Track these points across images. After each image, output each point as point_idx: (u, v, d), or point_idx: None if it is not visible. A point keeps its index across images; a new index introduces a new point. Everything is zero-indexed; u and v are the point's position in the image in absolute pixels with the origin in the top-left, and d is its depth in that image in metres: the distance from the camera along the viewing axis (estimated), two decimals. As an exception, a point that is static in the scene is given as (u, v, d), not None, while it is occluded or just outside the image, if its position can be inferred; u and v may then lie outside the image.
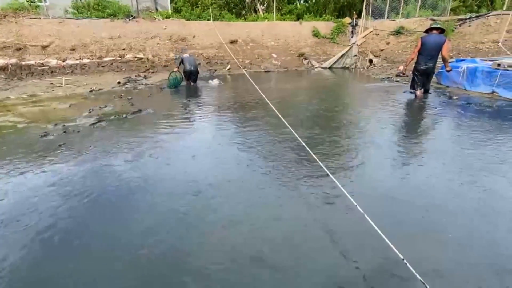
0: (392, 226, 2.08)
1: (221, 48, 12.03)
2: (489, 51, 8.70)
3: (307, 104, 6.27)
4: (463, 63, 6.67)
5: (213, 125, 4.65)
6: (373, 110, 5.43)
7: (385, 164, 3.19)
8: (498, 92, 5.87)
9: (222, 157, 3.43)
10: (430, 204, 2.42)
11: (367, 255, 1.87)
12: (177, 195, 2.62)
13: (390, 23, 12.80)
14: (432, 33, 5.64)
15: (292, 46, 13.09)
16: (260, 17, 16.31)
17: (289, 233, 2.10)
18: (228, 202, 2.49)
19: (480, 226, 2.15)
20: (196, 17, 14.52)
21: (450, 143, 3.83)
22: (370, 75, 9.44)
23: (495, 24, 9.55)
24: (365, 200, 2.34)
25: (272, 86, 8.56)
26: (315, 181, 2.79)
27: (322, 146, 3.65)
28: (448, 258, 1.84)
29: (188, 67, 8.01)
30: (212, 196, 2.58)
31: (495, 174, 2.90)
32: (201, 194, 2.61)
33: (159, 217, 2.29)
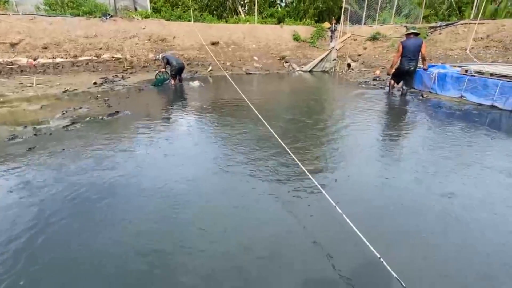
0: (370, 226, 2.14)
1: (202, 49, 11.93)
2: (458, 58, 9.22)
3: (289, 106, 6.35)
4: (434, 68, 7.02)
5: (192, 128, 4.58)
6: (352, 112, 5.58)
7: (363, 166, 3.29)
8: (466, 97, 6.22)
9: (200, 162, 3.39)
10: (408, 205, 2.51)
11: (346, 253, 1.91)
12: (152, 201, 2.56)
13: (367, 29, 13.25)
14: (410, 37, 6.26)
15: (273, 49, 13.22)
16: (241, 20, 16.35)
17: (268, 233, 2.11)
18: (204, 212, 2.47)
19: (453, 226, 2.26)
20: (177, 17, 14.32)
21: (424, 145, 4.01)
22: (348, 79, 9.70)
23: (463, 32, 10.14)
24: (344, 201, 2.40)
25: (254, 88, 8.59)
26: (295, 182, 2.82)
27: (302, 147, 3.71)
28: (423, 257, 1.92)
29: (176, 63, 8.03)
30: (186, 208, 2.54)
31: (467, 175, 3.07)
32: (176, 206, 2.57)
33: (127, 231, 2.23)
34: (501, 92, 5.61)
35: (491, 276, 1.77)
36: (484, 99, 5.89)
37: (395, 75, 6.75)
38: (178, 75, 8.20)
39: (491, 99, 5.76)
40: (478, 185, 2.84)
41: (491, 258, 1.90)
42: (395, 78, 6.85)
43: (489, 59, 8.62)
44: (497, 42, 9.15)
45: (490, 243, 2.05)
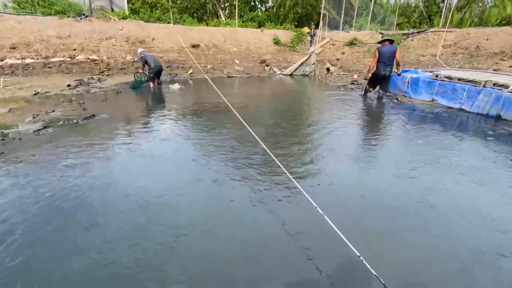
0: (350, 226, 2.20)
1: (182, 52, 11.79)
2: (429, 63, 9.73)
3: (271, 110, 6.40)
4: (407, 73, 7.36)
5: (172, 132, 4.48)
6: (332, 116, 5.72)
7: (343, 168, 3.37)
8: (437, 100, 6.56)
9: (180, 167, 3.34)
10: (386, 205, 2.61)
11: (327, 253, 1.95)
12: (128, 208, 2.49)
13: (344, 34, 13.69)
14: (385, 44, 6.59)
15: (254, 53, 13.31)
16: (222, 23, 16.35)
17: (250, 236, 2.11)
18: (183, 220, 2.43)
19: (429, 224, 2.37)
20: (156, 19, 14.10)
21: (400, 147, 4.19)
22: (328, 83, 9.94)
23: (433, 39, 10.72)
24: (325, 201, 2.45)
25: (236, 91, 8.60)
26: (277, 184, 2.85)
27: (284, 150, 3.75)
28: (401, 254, 2.00)
29: (154, 65, 7.83)
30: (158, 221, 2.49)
31: (440, 174, 3.23)
32: (154, 213, 2.51)
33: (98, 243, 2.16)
34: (468, 96, 5.97)
35: (467, 271, 1.87)
36: (453, 102, 6.24)
37: (371, 80, 7.02)
38: (157, 78, 8.04)
39: (459, 103, 6.11)
40: (452, 184, 3.00)
41: (467, 254, 2.01)
42: (372, 83, 7.13)
43: (457, 65, 9.17)
44: (464, 49, 9.75)
45: (465, 240, 2.17)
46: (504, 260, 1.94)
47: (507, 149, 4.02)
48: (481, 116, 5.69)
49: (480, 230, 2.28)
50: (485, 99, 5.70)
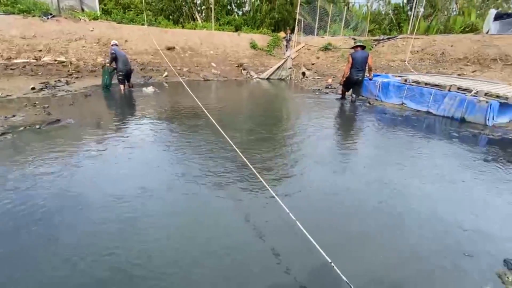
0: (323, 231, 2.20)
1: (157, 54, 11.52)
2: (398, 68, 10.17)
3: (247, 114, 6.38)
4: (378, 78, 7.64)
5: (143, 138, 4.30)
6: (307, 120, 5.78)
7: (317, 173, 3.40)
8: (406, 103, 6.85)
9: (150, 175, 3.22)
10: (359, 210, 2.64)
11: (300, 260, 1.93)
12: (97, 225, 2.35)
13: (319, 39, 14.01)
14: (358, 50, 6.81)
15: (231, 56, 13.27)
16: (198, 26, 16.19)
17: (223, 240, 2.05)
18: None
19: (402, 227, 2.42)
20: (129, 21, 13.68)
21: (371, 149, 4.30)
22: (303, 87, 10.10)
23: (402, 45, 11.24)
24: (299, 207, 2.44)
25: (212, 95, 8.50)
26: (250, 189, 2.81)
27: (258, 154, 3.72)
28: (373, 260, 2.02)
29: (122, 67, 7.52)
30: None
31: (411, 176, 3.34)
32: (124, 224, 2.39)
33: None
34: (434, 99, 6.28)
35: (435, 272, 1.92)
36: (421, 105, 6.54)
37: (345, 84, 7.21)
38: (126, 80, 7.76)
39: (427, 106, 6.42)
40: (422, 187, 3.11)
41: (435, 256, 2.07)
42: (346, 87, 7.33)
43: (424, 70, 9.65)
44: (430, 55, 10.29)
45: (434, 241, 2.24)
46: (468, 260, 2.02)
47: (471, 150, 4.24)
48: (447, 118, 5.99)
49: (451, 231, 2.37)
50: (450, 102, 6.02)
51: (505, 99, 5.39)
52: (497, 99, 5.47)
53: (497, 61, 8.79)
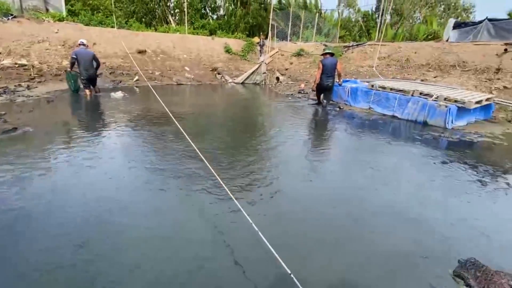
0: (285, 242, 2.20)
1: (127, 57, 11.16)
2: (367, 74, 10.59)
3: (219, 119, 6.32)
4: (347, 83, 7.90)
5: (106, 147, 4.11)
6: (280, 125, 5.85)
7: (284, 180, 3.42)
8: (373, 108, 7.13)
9: (112, 187, 3.09)
10: (323, 219, 2.68)
11: (259, 270, 1.92)
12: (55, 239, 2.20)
13: (292, 45, 14.28)
14: (327, 57, 7.04)
15: (205, 60, 13.16)
16: (171, 29, 15.93)
17: (185, 251, 2.00)
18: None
19: (364, 232, 2.48)
20: (98, 23, 13.19)
21: (341, 155, 4.41)
22: (277, 91, 10.22)
23: (370, 52, 11.72)
24: (261, 218, 2.44)
25: (185, 99, 8.36)
26: (215, 200, 2.77)
27: (226, 164, 3.69)
28: (334, 270, 2.05)
29: (84, 73, 7.13)
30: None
31: (378, 181, 3.45)
32: (83, 239, 2.26)
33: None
34: (399, 104, 6.58)
35: (396, 274, 1.98)
36: (387, 110, 6.83)
37: (317, 90, 7.41)
38: (92, 85, 7.41)
39: (392, 110, 6.71)
40: (386, 189, 3.22)
41: (397, 256, 2.14)
42: (318, 93, 7.53)
43: (390, 75, 10.11)
44: (396, 61, 10.81)
45: (393, 243, 2.32)
46: (425, 262, 2.11)
47: (432, 152, 4.48)
48: (411, 122, 6.30)
49: (410, 232, 2.46)
50: (414, 107, 6.33)
51: (462, 103, 5.76)
52: (455, 103, 5.83)
53: (456, 67, 9.40)
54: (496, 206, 2.96)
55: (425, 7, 19.98)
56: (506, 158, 4.38)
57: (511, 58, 8.65)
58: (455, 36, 11.52)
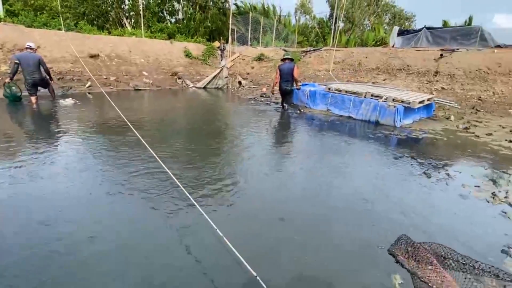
0: (250, 245, 2.21)
1: (78, 62, 10.43)
2: (324, 77, 11.13)
3: (180, 125, 6.17)
4: (306, 86, 8.21)
5: (52, 160, 3.82)
6: (240, 129, 5.87)
7: (247, 185, 3.44)
8: (331, 110, 7.50)
9: (63, 201, 2.86)
10: (286, 219, 2.74)
11: (225, 274, 1.91)
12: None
13: (252, 50, 14.49)
14: (285, 62, 7.27)
15: (164, 65, 12.79)
16: (127, 32, 15.24)
17: (149, 258, 1.91)
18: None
19: (325, 229, 2.58)
20: (42, 24, 12.15)
21: (300, 154, 4.55)
22: (240, 96, 10.28)
23: (326, 56, 12.35)
24: (225, 223, 2.43)
25: (142, 105, 8.03)
26: (178, 207, 2.70)
27: (188, 170, 3.62)
28: (299, 271, 2.10)
29: (29, 77, 6.50)
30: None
31: (338, 178, 3.62)
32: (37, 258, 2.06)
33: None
34: (353, 105, 7.00)
35: (353, 266, 2.09)
36: (343, 111, 7.23)
37: (273, 93, 7.61)
38: (34, 91, 6.75)
39: (348, 111, 7.12)
40: (346, 185, 3.39)
41: (356, 248, 2.26)
42: (281, 97, 7.75)
43: (345, 78, 10.74)
44: (349, 65, 11.52)
45: (352, 237, 2.44)
46: (380, 252, 2.26)
47: (382, 149, 4.83)
48: (365, 122, 6.73)
49: (365, 224, 2.62)
50: (366, 107, 6.78)
51: (408, 103, 6.30)
52: (402, 103, 6.36)
53: (402, 71, 10.29)
54: (437, 194, 3.28)
55: (373, 15, 21.62)
56: (446, 151, 4.88)
57: (446, 62, 9.71)
58: (399, 43, 12.62)
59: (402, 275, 1.95)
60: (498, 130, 6.13)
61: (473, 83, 8.93)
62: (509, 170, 4.01)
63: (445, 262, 0.72)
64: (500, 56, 9.14)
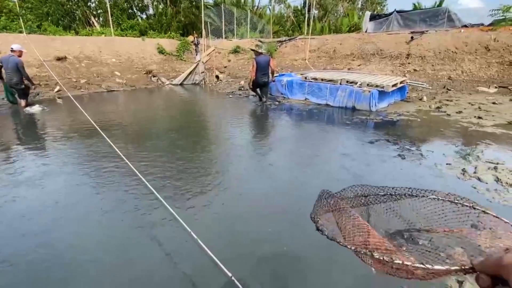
0: (225, 248, 2.13)
1: (44, 66, 9.90)
2: (300, 67, 11.16)
3: (156, 126, 6.00)
4: (284, 77, 8.20)
5: (17, 172, 3.65)
6: (219, 124, 5.80)
7: (223, 185, 3.40)
8: (309, 98, 7.53)
9: (36, 211, 2.72)
10: (263, 220, 2.73)
11: (201, 277, 1.88)
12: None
13: (228, 42, 14.27)
14: (261, 55, 7.21)
15: (137, 63, 12.38)
16: (95, 32, 14.62)
17: (126, 264, 1.86)
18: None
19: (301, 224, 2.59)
20: (1, 28, 11.43)
21: (280, 145, 4.56)
22: (218, 90, 10.13)
23: (301, 45, 12.36)
24: (199, 226, 2.39)
25: (116, 107, 7.75)
26: (152, 211, 2.63)
27: (162, 174, 3.54)
28: (274, 271, 2.10)
29: (8, 80, 6.39)
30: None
31: (319, 172, 3.64)
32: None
33: None
34: (330, 93, 7.06)
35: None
36: (321, 99, 7.28)
37: (254, 87, 7.48)
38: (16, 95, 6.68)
39: (325, 99, 7.18)
40: (321, 174, 3.42)
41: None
42: (254, 88, 7.59)
43: (321, 66, 10.81)
44: (325, 53, 11.59)
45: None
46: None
47: (359, 134, 4.91)
48: (342, 108, 6.82)
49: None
50: (342, 94, 6.86)
51: (382, 87, 6.42)
52: (377, 88, 6.48)
53: (375, 55, 10.46)
54: (411, 174, 3.37)
55: (346, 1, 21.76)
56: (420, 132, 5.03)
57: (417, 45, 9.95)
58: (372, 27, 12.79)
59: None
60: (467, 107, 6.38)
61: (443, 63, 9.22)
62: (478, 146, 4.18)
63: (368, 199, 0.72)
64: (466, 35, 9.46)
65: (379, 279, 1.81)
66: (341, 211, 0.70)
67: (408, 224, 0.71)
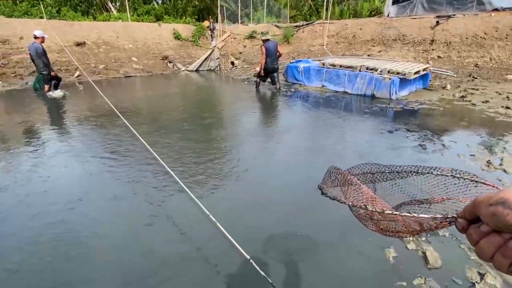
0: (241, 231, 2.18)
1: (64, 51, 10.12)
2: (318, 52, 10.86)
3: (174, 113, 6.07)
4: (300, 63, 8.02)
5: (45, 154, 3.80)
6: (236, 112, 5.79)
7: (242, 169, 3.43)
8: (326, 86, 7.37)
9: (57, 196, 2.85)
10: (279, 206, 2.74)
11: (220, 258, 1.92)
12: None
13: (244, 27, 14.03)
14: (269, 41, 7.06)
15: (153, 49, 12.44)
16: (112, 17, 14.71)
17: (147, 246, 1.93)
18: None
19: (318, 219, 2.59)
20: (22, 14, 11.69)
21: (296, 133, 4.52)
22: (233, 77, 10.07)
23: (319, 30, 11.98)
24: (218, 209, 2.43)
25: (134, 93, 7.87)
26: (171, 193, 2.69)
27: (183, 159, 3.59)
28: (289, 255, 2.12)
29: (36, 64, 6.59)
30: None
31: (332, 161, 3.60)
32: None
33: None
34: (348, 80, 6.88)
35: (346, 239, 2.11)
36: (338, 86, 7.11)
37: (266, 73, 7.31)
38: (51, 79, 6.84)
39: (343, 86, 7.00)
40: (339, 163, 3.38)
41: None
42: (263, 77, 7.47)
43: (340, 52, 10.49)
44: (344, 38, 11.21)
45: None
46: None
47: (378, 122, 4.79)
48: (360, 96, 6.64)
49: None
50: (362, 81, 6.67)
51: (403, 75, 6.19)
52: (398, 75, 6.25)
53: (397, 41, 10.03)
54: (432, 165, 3.27)
55: (367, -16, 20.71)
56: (442, 121, 4.84)
57: (442, 30, 9.44)
58: (394, 11, 12.20)
59: (395, 247, 1.98)
60: (494, 97, 6.07)
61: (469, 50, 8.74)
62: (505, 137, 3.99)
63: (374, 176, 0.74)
64: (497, 19, 8.88)
65: (390, 263, 1.80)
66: (348, 183, 0.72)
67: (410, 197, 0.74)
